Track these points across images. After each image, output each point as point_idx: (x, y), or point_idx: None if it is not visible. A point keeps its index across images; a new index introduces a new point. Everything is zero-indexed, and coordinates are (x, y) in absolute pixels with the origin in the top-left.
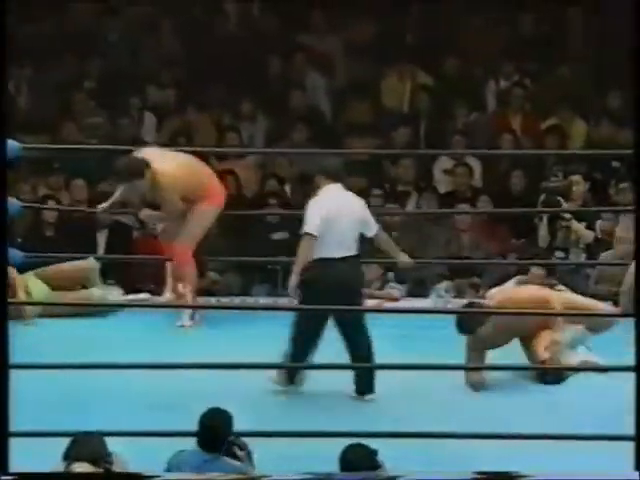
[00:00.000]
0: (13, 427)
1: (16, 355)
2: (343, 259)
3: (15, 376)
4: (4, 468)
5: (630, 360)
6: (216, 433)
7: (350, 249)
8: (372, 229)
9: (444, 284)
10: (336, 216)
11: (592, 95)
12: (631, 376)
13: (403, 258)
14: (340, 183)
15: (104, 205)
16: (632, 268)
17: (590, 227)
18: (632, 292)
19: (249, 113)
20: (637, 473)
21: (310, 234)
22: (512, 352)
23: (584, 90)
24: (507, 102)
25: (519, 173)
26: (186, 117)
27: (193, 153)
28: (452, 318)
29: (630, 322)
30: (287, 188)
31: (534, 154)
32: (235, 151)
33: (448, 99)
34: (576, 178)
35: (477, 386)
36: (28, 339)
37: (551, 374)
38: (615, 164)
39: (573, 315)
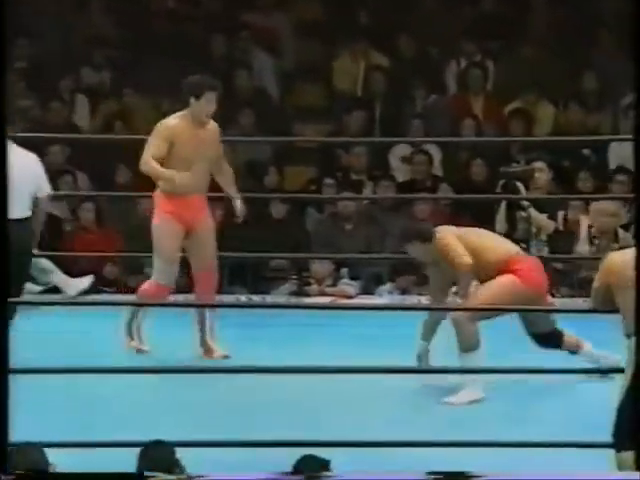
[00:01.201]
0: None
1: None
2: (19, 220)
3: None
4: (4, 468)
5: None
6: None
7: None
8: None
9: (387, 286)
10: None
11: (560, 77)
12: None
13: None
14: None
15: None
16: (605, 265)
17: (552, 218)
18: (601, 297)
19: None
20: (637, 473)
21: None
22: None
23: (551, 71)
24: (468, 84)
25: (481, 161)
26: (123, 100)
27: (131, 140)
28: (411, 315)
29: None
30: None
31: (497, 140)
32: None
33: (405, 81)
34: (539, 165)
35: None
36: None
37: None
38: (585, 152)
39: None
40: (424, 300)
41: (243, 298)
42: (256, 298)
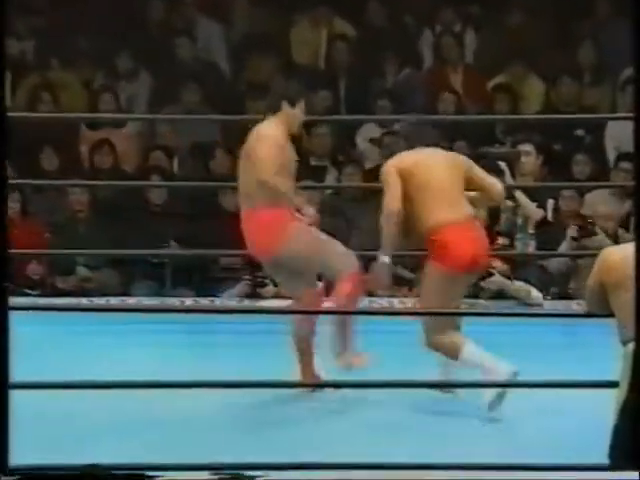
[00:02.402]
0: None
1: None
2: None
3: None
4: (4, 468)
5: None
6: None
7: None
8: None
9: None
10: None
11: (550, 48)
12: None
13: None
14: None
15: None
16: (601, 261)
17: (541, 208)
18: (596, 297)
19: (127, 69)
20: (637, 473)
21: None
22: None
23: (540, 41)
24: (445, 56)
25: (462, 143)
26: (48, 74)
27: (58, 119)
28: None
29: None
30: (175, 162)
31: (479, 120)
32: (111, 117)
33: (373, 53)
34: (527, 148)
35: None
36: None
37: None
38: (579, 132)
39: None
40: (396, 303)
41: (189, 302)
42: (204, 301)
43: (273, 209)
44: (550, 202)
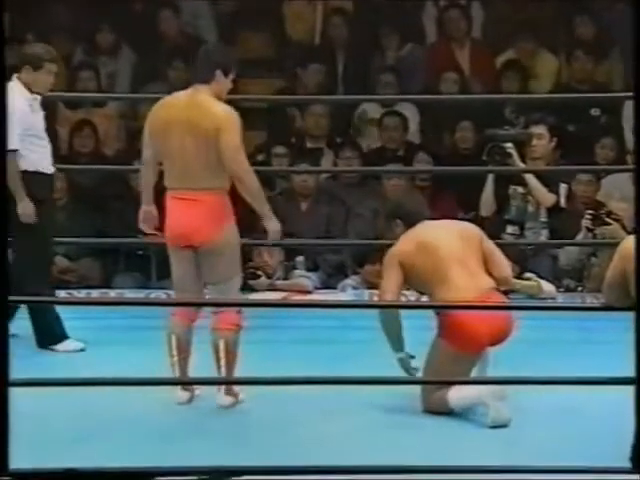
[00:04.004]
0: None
1: None
2: None
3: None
4: (4, 468)
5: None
6: None
7: None
8: None
9: (350, 280)
10: None
11: (562, 20)
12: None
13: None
14: None
15: None
16: (622, 250)
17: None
18: (617, 289)
19: (108, 45)
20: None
21: None
22: None
23: (551, 14)
24: (451, 31)
25: (468, 124)
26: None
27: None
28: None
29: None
30: None
31: (487, 99)
32: (91, 96)
33: (373, 27)
34: (539, 130)
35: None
36: None
37: None
38: (594, 112)
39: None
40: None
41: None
42: None
43: (220, 195)
44: (563, 187)
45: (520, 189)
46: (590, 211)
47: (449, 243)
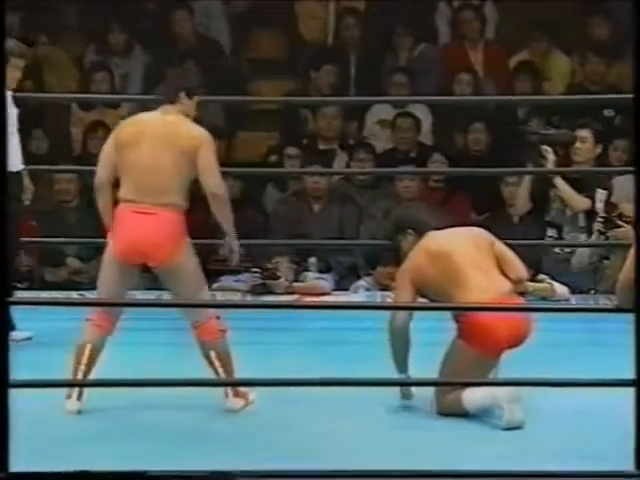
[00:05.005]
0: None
1: None
2: None
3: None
4: (4, 469)
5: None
6: None
7: None
8: None
9: (362, 282)
10: None
11: (576, 21)
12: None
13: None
14: None
15: None
16: (629, 261)
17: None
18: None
19: (121, 45)
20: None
21: None
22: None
23: (565, 14)
24: (464, 31)
25: (481, 126)
26: (36, 51)
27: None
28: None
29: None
30: None
31: (501, 100)
32: (105, 97)
33: (386, 28)
34: (583, 133)
35: None
36: None
37: None
38: (608, 112)
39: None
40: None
41: None
42: None
43: (181, 214)
44: (601, 193)
45: (559, 193)
46: (602, 214)
47: (461, 248)
